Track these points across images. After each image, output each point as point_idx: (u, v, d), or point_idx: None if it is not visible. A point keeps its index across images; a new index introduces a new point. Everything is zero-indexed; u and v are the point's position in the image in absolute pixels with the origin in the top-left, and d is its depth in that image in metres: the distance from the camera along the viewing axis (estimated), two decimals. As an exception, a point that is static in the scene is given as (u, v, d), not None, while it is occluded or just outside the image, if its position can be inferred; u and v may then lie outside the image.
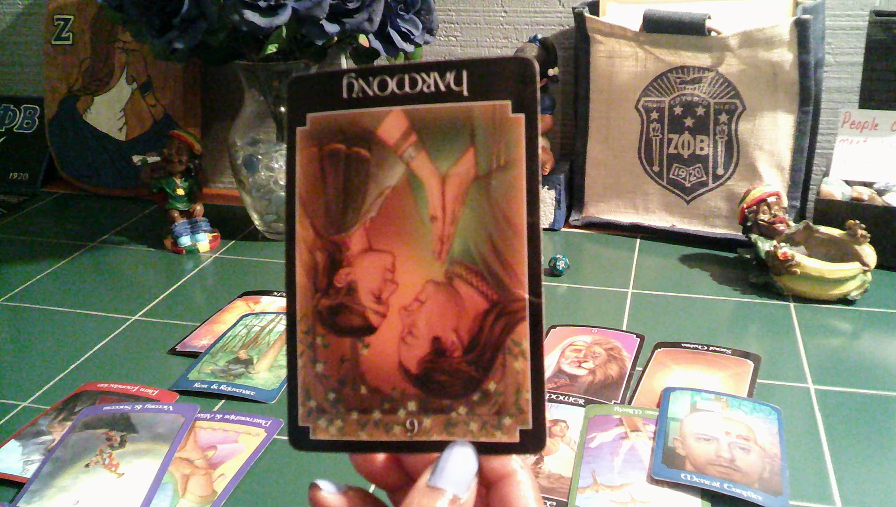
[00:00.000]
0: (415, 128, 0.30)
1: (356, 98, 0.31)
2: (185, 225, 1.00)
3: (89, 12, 1.18)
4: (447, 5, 1.09)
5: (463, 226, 0.30)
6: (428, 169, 0.30)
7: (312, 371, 0.31)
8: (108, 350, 0.77)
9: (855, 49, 0.97)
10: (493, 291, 0.30)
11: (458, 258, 0.30)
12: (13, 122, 1.29)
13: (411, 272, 0.30)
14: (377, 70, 0.30)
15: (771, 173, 0.92)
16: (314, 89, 0.31)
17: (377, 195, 0.31)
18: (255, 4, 0.80)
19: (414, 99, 0.30)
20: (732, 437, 0.60)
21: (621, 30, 0.94)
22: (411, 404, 0.30)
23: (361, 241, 0.31)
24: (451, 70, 0.30)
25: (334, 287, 0.31)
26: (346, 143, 0.31)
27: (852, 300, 0.81)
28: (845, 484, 0.57)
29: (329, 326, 0.31)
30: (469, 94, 0.30)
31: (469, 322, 0.30)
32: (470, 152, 0.30)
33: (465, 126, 0.30)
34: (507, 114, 0.30)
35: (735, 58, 0.90)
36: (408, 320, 0.30)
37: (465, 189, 0.30)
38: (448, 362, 0.30)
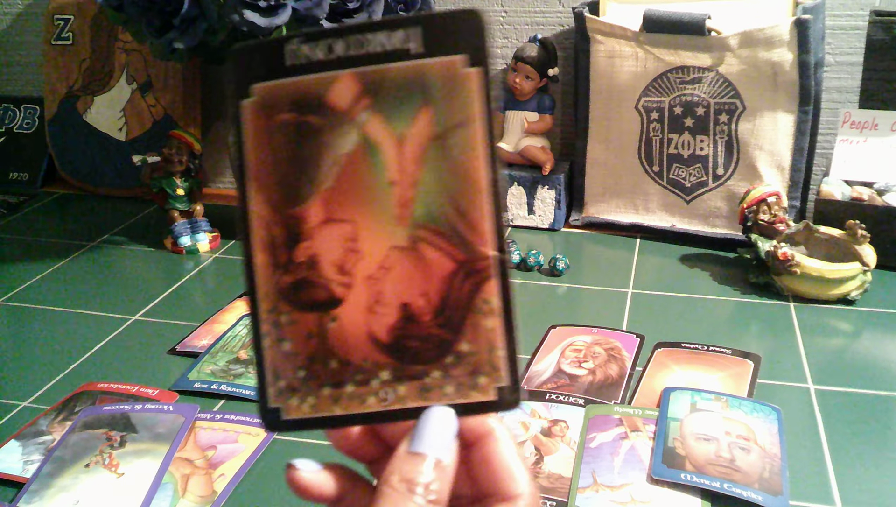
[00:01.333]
0: (366, 91, 0.29)
1: (302, 64, 0.29)
2: (185, 225, 1.00)
3: (89, 12, 1.18)
4: (447, 5, 1.09)
5: (423, 188, 0.29)
6: (383, 132, 0.29)
7: (279, 350, 0.30)
8: (108, 350, 0.77)
9: (855, 49, 0.97)
10: (458, 251, 0.29)
11: (420, 221, 0.29)
12: (13, 122, 1.29)
13: (374, 240, 0.29)
14: (322, 33, 0.29)
15: (771, 173, 0.92)
16: (257, 59, 0.30)
17: (332, 163, 0.30)
18: (255, 4, 0.80)
19: (364, 61, 0.29)
20: (732, 437, 0.60)
21: (621, 30, 0.94)
22: (384, 373, 0.30)
23: (319, 212, 0.30)
24: (401, 28, 0.29)
25: (295, 262, 0.30)
26: (296, 111, 0.30)
27: (852, 300, 0.81)
28: (845, 484, 0.57)
29: (293, 302, 0.30)
30: (421, 51, 0.29)
31: (436, 285, 0.29)
32: (426, 111, 0.29)
33: (418, 85, 0.29)
34: (462, 69, 0.29)
35: (735, 58, 0.90)
36: (374, 289, 0.30)
37: (423, 150, 0.29)
38: (418, 327, 0.30)
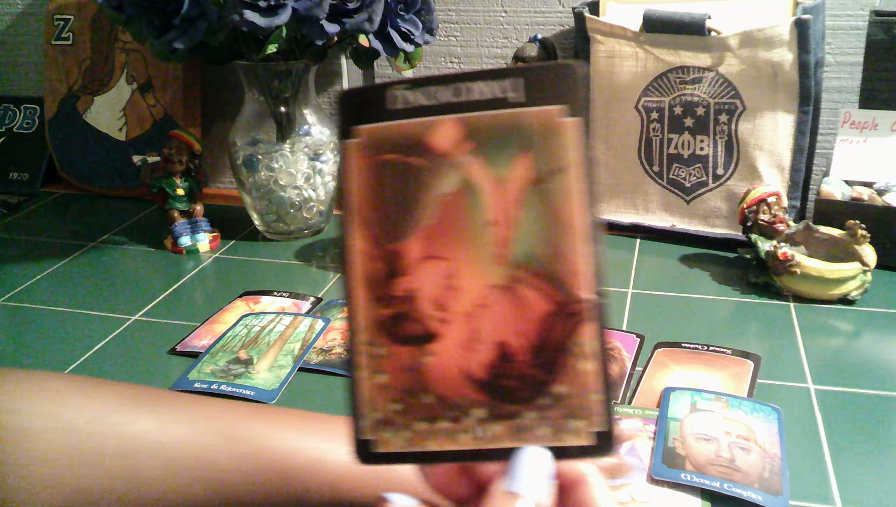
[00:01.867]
0: (469, 135, 0.30)
1: (408, 109, 0.31)
2: (185, 225, 1.00)
3: (89, 12, 1.18)
4: (447, 5, 1.09)
5: (522, 229, 0.30)
6: (484, 175, 0.30)
7: (375, 383, 0.31)
8: (108, 350, 0.77)
9: (855, 49, 0.97)
10: (556, 292, 0.29)
11: (519, 261, 0.30)
12: (13, 122, 1.29)
13: (472, 278, 0.30)
14: (428, 80, 0.31)
15: (771, 173, 0.92)
16: (364, 102, 0.31)
17: (433, 203, 0.31)
18: (255, 4, 0.80)
19: (468, 107, 0.30)
20: (732, 437, 0.60)
21: (621, 30, 0.94)
22: (479, 411, 0.30)
23: (419, 248, 0.31)
24: (505, 77, 0.30)
25: (393, 296, 0.31)
26: (400, 152, 0.31)
27: (852, 300, 0.81)
28: (845, 484, 0.57)
29: (390, 335, 0.31)
30: (523, 100, 0.30)
31: (533, 325, 0.30)
32: (526, 157, 0.30)
33: (520, 131, 0.30)
34: (562, 118, 0.30)
35: (735, 58, 0.90)
36: (471, 326, 0.30)
37: (523, 193, 0.30)
38: (514, 366, 0.30)
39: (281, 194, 0.99)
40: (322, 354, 0.75)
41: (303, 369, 0.73)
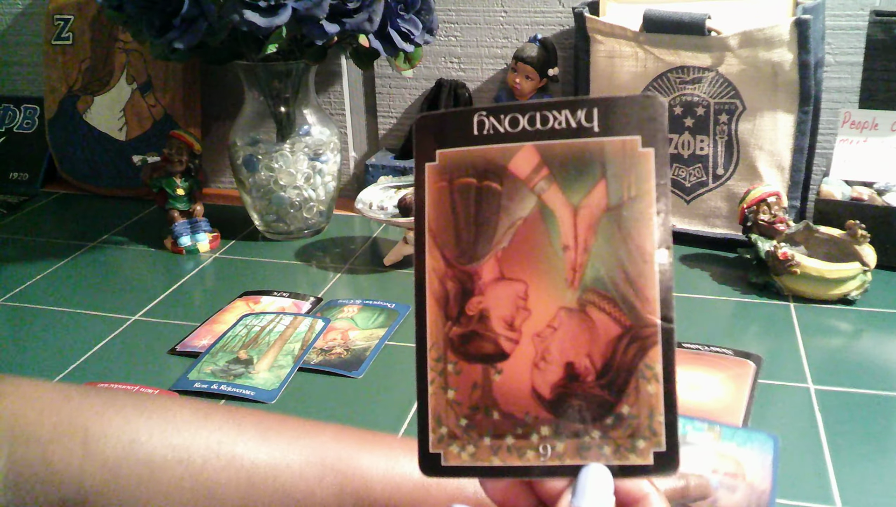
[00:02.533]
0: (546, 162, 0.31)
1: (487, 135, 0.32)
2: (185, 225, 1.00)
3: (89, 12, 1.18)
4: (447, 5, 1.09)
5: (595, 255, 0.31)
6: (560, 201, 0.31)
7: (444, 398, 0.32)
8: (108, 350, 0.77)
9: (855, 49, 0.97)
10: (625, 316, 0.30)
11: (590, 286, 0.31)
12: (13, 122, 1.29)
13: (544, 300, 0.31)
14: (508, 108, 0.32)
15: (771, 173, 0.92)
16: (444, 126, 0.33)
17: (508, 226, 0.32)
18: (255, 4, 0.80)
19: (545, 135, 0.31)
20: (720, 475, 0.57)
21: (621, 30, 0.94)
22: (544, 428, 0.31)
23: (493, 270, 0.32)
24: (582, 108, 0.31)
25: (465, 315, 0.32)
26: (478, 177, 0.32)
27: (852, 300, 0.81)
28: (845, 484, 0.57)
29: (460, 353, 0.32)
30: (599, 130, 0.31)
31: (602, 347, 0.31)
32: (601, 185, 0.31)
33: (596, 160, 0.31)
34: (637, 148, 0.31)
35: (735, 58, 0.90)
36: (541, 346, 0.31)
37: (596, 220, 0.31)
38: (581, 386, 0.31)
39: (281, 194, 0.99)
40: (322, 354, 0.75)
41: (303, 370, 0.73)
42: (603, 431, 0.30)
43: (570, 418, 0.31)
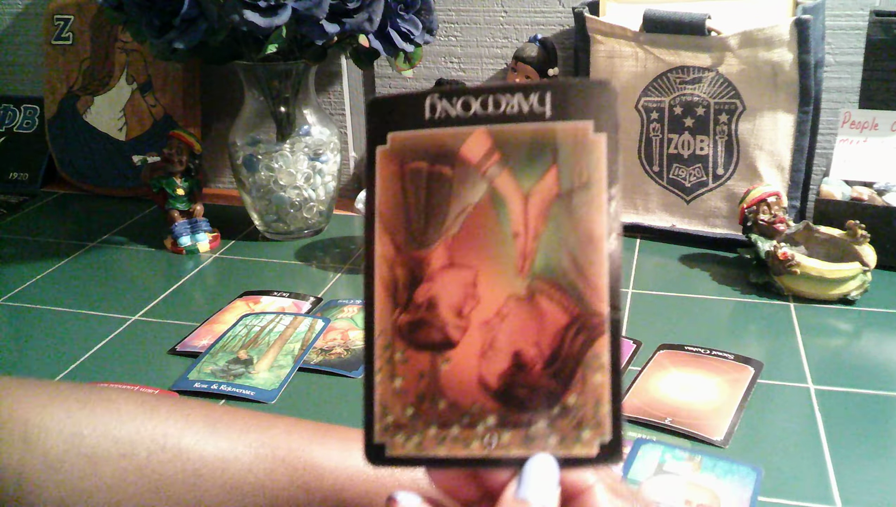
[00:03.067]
0: (498, 147, 0.31)
1: (439, 118, 0.31)
2: (185, 225, 1.00)
3: (89, 12, 1.18)
4: (447, 5, 1.09)
5: (545, 242, 0.30)
6: (511, 187, 0.31)
7: (390, 387, 0.31)
8: (108, 350, 0.77)
9: (855, 49, 0.97)
10: (574, 305, 0.30)
11: (539, 274, 0.30)
12: (13, 122, 1.29)
13: (493, 287, 0.31)
14: (461, 91, 0.31)
15: (771, 173, 0.92)
16: (396, 109, 0.32)
17: (459, 212, 0.31)
18: (255, 4, 0.80)
19: (497, 119, 0.31)
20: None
21: (621, 30, 0.94)
22: (490, 418, 0.30)
23: (443, 257, 0.31)
24: (535, 92, 0.31)
25: (414, 303, 0.31)
26: (429, 161, 0.31)
27: (852, 300, 0.81)
28: (845, 484, 0.57)
29: (408, 341, 0.31)
30: (552, 114, 0.30)
31: (550, 336, 0.30)
32: (552, 171, 0.30)
33: (547, 145, 0.30)
34: (589, 134, 0.30)
35: (735, 58, 0.90)
36: (488, 335, 0.31)
37: (547, 206, 0.30)
38: (528, 376, 0.30)
39: (281, 194, 0.99)
40: (322, 354, 0.75)
41: (303, 369, 0.73)
42: (549, 421, 0.30)
43: (517, 408, 0.30)
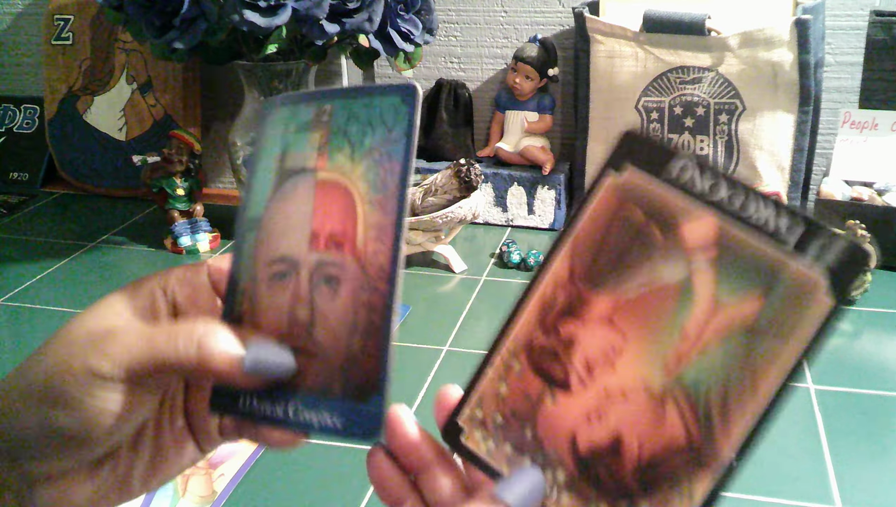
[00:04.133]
0: (719, 244, 0.28)
1: (682, 182, 0.29)
2: (185, 225, 1.00)
3: (89, 12, 1.18)
4: (447, 5, 1.09)
5: (707, 360, 0.28)
6: (708, 289, 0.29)
7: (495, 387, 0.31)
8: (108, 350, 0.77)
9: (855, 49, 0.97)
10: (699, 434, 0.28)
11: (685, 385, 0.29)
12: (13, 122, 1.29)
13: (632, 367, 0.29)
14: (716, 170, 0.29)
15: (771, 173, 0.92)
16: (648, 149, 0.30)
17: (645, 281, 0.29)
18: (255, 4, 0.80)
19: (735, 218, 0.28)
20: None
21: (621, 30, 0.94)
22: (561, 474, 0.30)
23: (606, 309, 0.30)
24: (789, 216, 0.28)
25: (557, 332, 0.31)
26: (648, 215, 0.30)
27: (852, 300, 0.81)
28: (845, 484, 0.57)
29: (532, 361, 0.31)
30: (793, 248, 0.27)
31: (658, 446, 0.29)
32: (758, 301, 0.28)
33: (768, 275, 0.28)
34: (818, 292, 0.27)
35: (735, 58, 0.90)
36: (603, 404, 0.30)
37: (730, 330, 0.28)
38: (616, 464, 0.29)
39: (281, 194, 0.99)
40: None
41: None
42: None
43: (590, 482, 0.29)
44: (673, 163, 0.29)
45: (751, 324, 0.28)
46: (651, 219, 0.29)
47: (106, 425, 0.30)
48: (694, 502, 0.28)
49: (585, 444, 0.30)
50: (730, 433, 0.28)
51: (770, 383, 0.28)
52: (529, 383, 0.31)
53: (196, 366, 0.30)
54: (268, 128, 0.35)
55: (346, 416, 0.31)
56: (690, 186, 0.29)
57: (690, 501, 0.28)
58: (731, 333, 0.28)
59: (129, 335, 0.31)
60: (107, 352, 0.30)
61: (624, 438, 0.29)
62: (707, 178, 0.29)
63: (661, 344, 0.29)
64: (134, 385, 0.30)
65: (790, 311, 0.27)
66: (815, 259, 0.27)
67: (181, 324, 0.31)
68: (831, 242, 0.27)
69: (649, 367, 0.29)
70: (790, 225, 0.28)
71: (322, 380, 0.31)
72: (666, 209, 0.29)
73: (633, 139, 0.30)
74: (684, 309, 0.29)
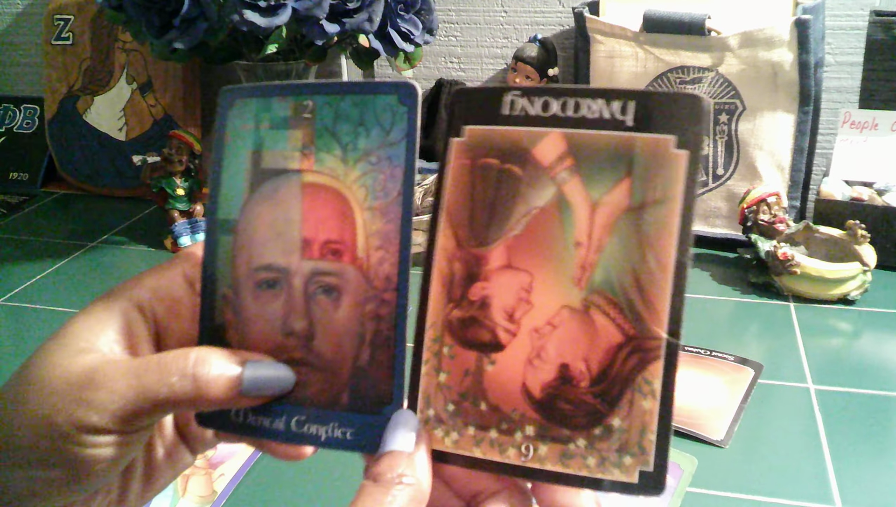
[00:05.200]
0: (572, 152, 0.30)
1: (516, 116, 0.30)
2: (185, 225, 1.00)
3: (89, 12, 1.18)
4: (447, 5, 1.09)
5: (607, 255, 0.29)
6: (580, 194, 0.30)
7: (435, 380, 0.31)
8: (108, 350, 0.77)
9: (855, 49, 0.97)
10: (630, 325, 0.29)
11: (597, 288, 0.29)
12: (13, 122, 1.29)
13: (547, 295, 0.30)
14: (542, 91, 0.30)
15: (771, 173, 0.92)
16: (475, 103, 0.31)
17: (524, 214, 0.30)
18: (255, 4, 0.80)
19: (575, 123, 0.30)
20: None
21: (621, 30, 0.94)
22: (529, 428, 0.30)
23: (501, 257, 0.30)
24: (618, 99, 0.29)
25: (468, 300, 0.31)
26: (500, 158, 0.30)
27: (852, 300, 0.81)
28: (845, 484, 0.57)
29: (457, 337, 0.31)
30: (633, 124, 0.29)
31: (600, 354, 0.29)
32: (625, 183, 0.29)
33: (624, 156, 0.29)
34: (670, 149, 0.29)
35: (735, 58, 0.90)
36: (537, 343, 0.30)
37: (614, 219, 0.29)
38: (573, 391, 0.29)
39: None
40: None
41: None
42: (589, 441, 0.29)
43: (558, 422, 0.29)
44: (501, 103, 0.30)
45: (628, 204, 0.29)
46: (505, 160, 0.30)
47: (100, 470, 0.29)
48: (656, 390, 0.29)
49: (538, 387, 0.30)
50: (656, 310, 0.29)
51: (667, 246, 0.29)
52: (464, 359, 0.31)
53: (193, 399, 0.28)
54: (231, 120, 0.33)
55: (357, 428, 0.30)
56: (524, 115, 0.30)
57: (653, 392, 0.29)
58: (616, 221, 0.29)
59: (114, 377, 0.28)
60: (93, 402, 0.28)
61: (569, 363, 0.30)
62: (536, 101, 0.30)
63: (562, 262, 0.30)
64: (126, 430, 0.28)
65: (655, 176, 0.29)
66: (655, 123, 0.29)
67: (170, 355, 0.29)
68: (663, 103, 0.29)
69: (562, 288, 0.30)
70: (623, 106, 0.29)
71: (327, 392, 0.31)
72: (513, 145, 0.30)
73: (459, 98, 0.31)
74: (568, 222, 0.30)
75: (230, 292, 0.32)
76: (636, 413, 0.29)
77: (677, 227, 0.29)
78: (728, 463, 0.59)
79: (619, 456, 0.29)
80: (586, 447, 0.29)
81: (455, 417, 0.30)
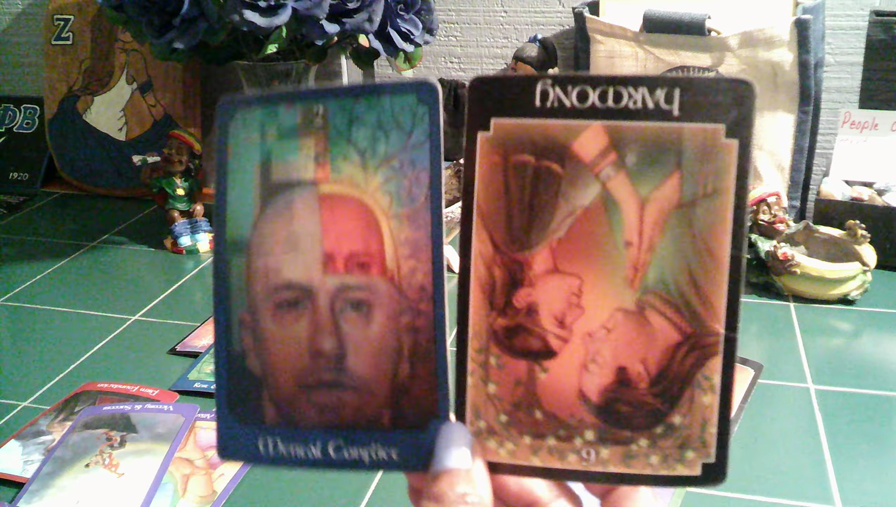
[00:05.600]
0: (615, 146, 0.28)
1: (550, 108, 0.28)
2: (185, 225, 1.00)
3: (89, 12, 1.18)
4: (447, 5, 1.09)
5: (660, 254, 0.28)
6: (627, 191, 0.28)
7: (483, 391, 0.30)
8: (108, 350, 0.77)
9: (855, 49, 0.97)
10: (686, 323, 0.28)
11: (652, 288, 0.28)
12: (13, 122, 1.29)
13: (599, 298, 0.29)
14: (578, 79, 0.28)
15: (771, 173, 0.92)
16: (502, 92, 0.29)
17: (567, 214, 0.29)
18: (255, 4, 0.80)
19: (616, 114, 0.28)
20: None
21: (621, 30, 0.94)
22: (589, 433, 0.29)
23: (546, 261, 0.29)
24: (663, 87, 0.28)
25: (512, 307, 0.29)
26: (536, 155, 0.29)
27: (852, 300, 0.81)
28: (845, 484, 0.57)
29: (505, 346, 0.30)
30: (679, 114, 0.28)
31: (658, 354, 0.29)
32: (675, 177, 0.28)
33: (671, 148, 0.28)
34: (720, 138, 0.27)
35: (735, 58, 0.90)
36: (592, 348, 0.29)
37: (665, 215, 0.28)
38: (632, 392, 0.29)
39: (281, 194, 0.99)
40: (322, 354, 0.75)
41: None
42: (651, 440, 0.29)
43: (618, 424, 0.29)
44: (533, 93, 0.28)
45: (679, 199, 0.28)
46: (541, 156, 0.29)
47: None
48: (715, 384, 0.28)
49: (595, 392, 0.29)
50: (713, 307, 0.28)
51: (722, 241, 0.28)
52: (514, 369, 0.30)
53: None
54: (234, 133, 0.31)
55: (402, 447, 0.29)
56: (560, 107, 0.28)
57: (713, 388, 0.28)
58: (668, 218, 0.28)
59: None
60: None
61: (627, 366, 0.29)
62: (571, 91, 0.28)
63: (612, 264, 0.29)
64: None
65: (706, 168, 0.28)
66: (702, 111, 0.27)
67: None
68: (709, 90, 0.27)
69: (614, 290, 0.29)
70: (667, 94, 0.28)
71: (365, 412, 0.30)
72: (550, 140, 0.28)
73: (482, 87, 0.29)
74: (616, 221, 0.28)
75: (247, 315, 0.31)
76: (697, 409, 0.28)
77: (730, 220, 0.28)
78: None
79: (682, 452, 0.29)
80: (648, 446, 0.29)
81: (509, 427, 0.30)
